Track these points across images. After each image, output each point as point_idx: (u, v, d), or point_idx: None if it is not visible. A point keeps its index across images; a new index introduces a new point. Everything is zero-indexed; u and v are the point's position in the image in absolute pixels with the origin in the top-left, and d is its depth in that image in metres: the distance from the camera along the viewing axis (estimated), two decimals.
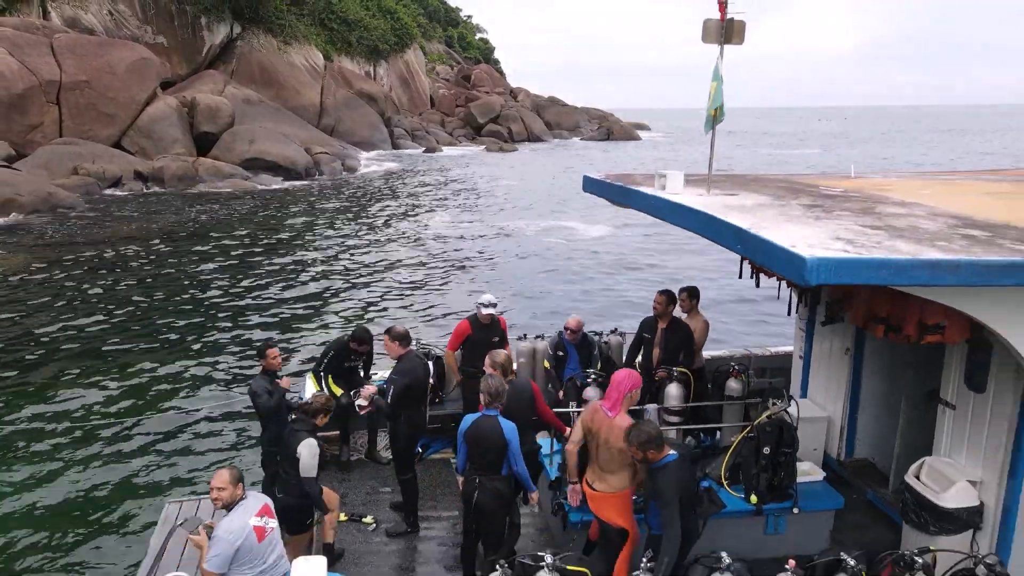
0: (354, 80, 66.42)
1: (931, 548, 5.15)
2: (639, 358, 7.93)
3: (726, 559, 4.69)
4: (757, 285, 7.44)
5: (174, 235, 26.50)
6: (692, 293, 8.03)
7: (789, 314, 7.82)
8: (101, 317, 16.86)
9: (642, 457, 5.03)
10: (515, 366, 6.95)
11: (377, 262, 23.26)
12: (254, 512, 4.83)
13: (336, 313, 17.74)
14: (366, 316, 17.44)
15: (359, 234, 27.91)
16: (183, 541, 6.15)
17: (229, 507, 4.81)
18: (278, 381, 6.96)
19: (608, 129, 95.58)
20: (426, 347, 8.91)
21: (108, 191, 36.15)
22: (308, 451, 5.64)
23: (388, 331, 6.64)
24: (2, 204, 26.82)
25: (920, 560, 4.74)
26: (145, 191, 37.74)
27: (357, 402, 6.81)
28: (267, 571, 4.78)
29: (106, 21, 49.82)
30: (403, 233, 28.48)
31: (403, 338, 6.59)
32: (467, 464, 5.76)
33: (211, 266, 22.01)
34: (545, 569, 4.51)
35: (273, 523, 4.96)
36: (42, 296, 18.44)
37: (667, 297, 7.64)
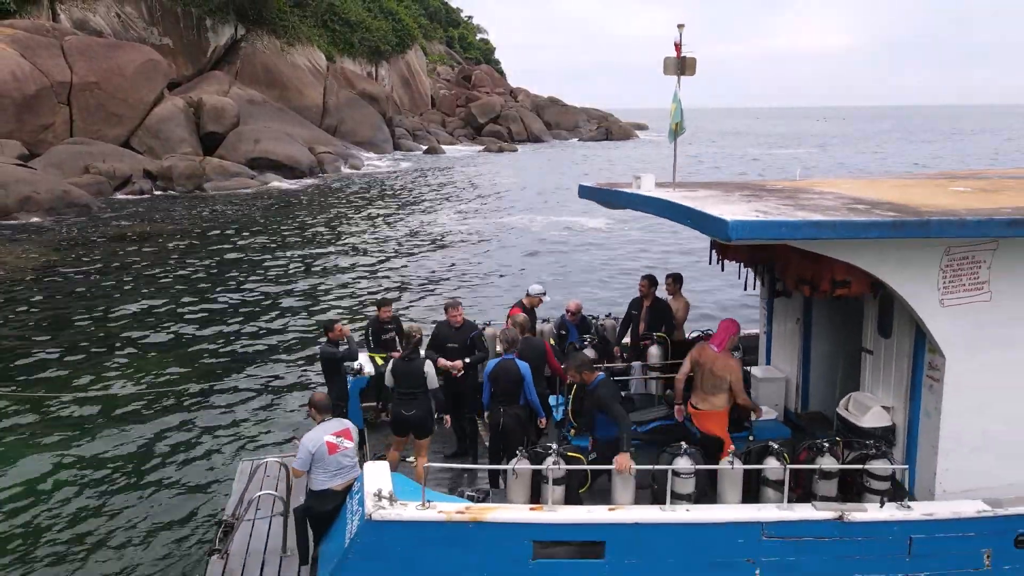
0: (356, 81, 67.45)
1: (837, 439, 6.59)
2: (629, 330, 9.60)
3: (684, 446, 6.23)
4: (722, 269, 8.81)
5: (198, 230, 27.85)
6: (676, 279, 9.74)
7: (745, 289, 9.15)
8: (149, 304, 18.08)
9: (579, 379, 6.70)
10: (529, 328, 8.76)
11: (387, 256, 24.52)
12: (331, 431, 6.43)
13: (353, 296, 19.05)
14: (370, 309, 18.58)
15: (368, 229, 29.12)
16: (261, 481, 7.81)
17: (315, 425, 6.57)
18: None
19: (607, 129, 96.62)
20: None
21: (120, 193, 37.29)
22: (430, 368, 7.54)
23: (451, 303, 8.70)
24: (20, 201, 27.98)
25: (827, 446, 6.32)
26: (155, 190, 38.91)
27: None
28: (339, 473, 6.38)
29: (114, 23, 50.93)
30: (411, 229, 29.67)
31: (455, 306, 8.67)
32: (491, 400, 7.44)
33: (236, 258, 23.30)
34: (552, 454, 6.04)
35: (348, 444, 6.48)
36: (78, 286, 19.69)
37: (649, 281, 9.36)
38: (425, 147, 68.00)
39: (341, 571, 5.63)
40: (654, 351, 8.94)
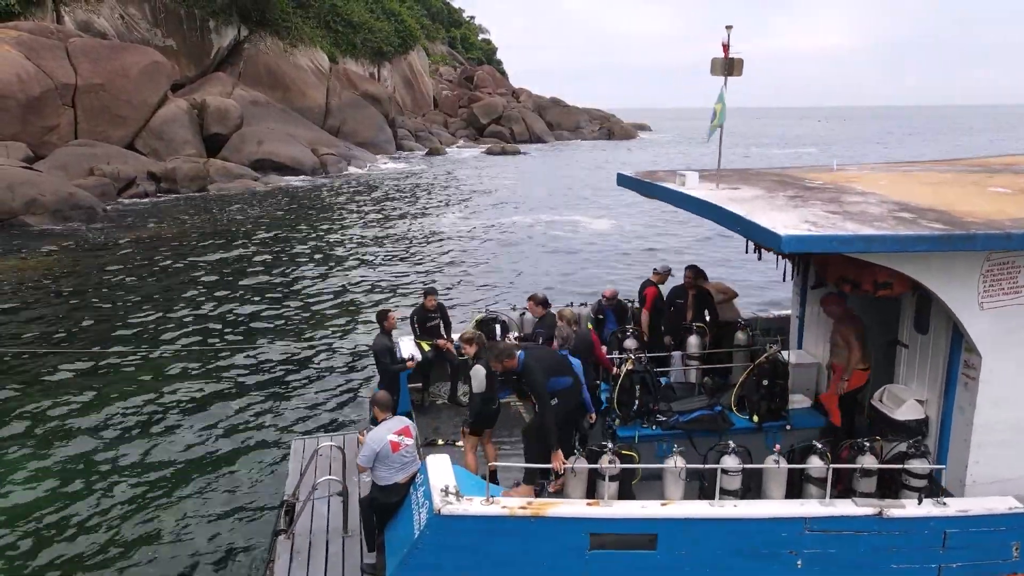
0: (358, 82, 67.47)
1: (877, 438, 6.71)
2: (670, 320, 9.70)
3: (732, 444, 6.38)
4: (759, 258, 8.94)
5: (210, 230, 27.88)
6: (697, 271, 9.83)
7: (784, 280, 9.34)
8: (168, 308, 18.08)
9: (502, 368, 6.80)
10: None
11: (397, 254, 24.55)
12: (394, 430, 6.63)
13: (365, 293, 19.20)
14: (391, 300, 18.75)
15: (377, 229, 29.12)
16: (316, 462, 8.11)
17: (376, 423, 6.80)
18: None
19: (609, 129, 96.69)
20: (495, 312, 10.59)
21: (124, 196, 37.33)
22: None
23: (532, 296, 9.08)
24: (26, 203, 27.95)
25: (868, 445, 6.46)
26: (159, 192, 38.95)
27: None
28: (402, 469, 6.60)
29: (117, 25, 50.96)
30: (419, 228, 29.81)
31: (544, 302, 8.92)
32: None
33: (249, 257, 23.29)
34: (608, 452, 6.27)
35: (408, 441, 6.67)
36: (97, 286, 19.70)
37: (694, 271, 9.66)
38: (427, 148, 68.03)
39: (411, 560, 5.90)
40: (693, 340, 9.02)
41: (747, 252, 8.80)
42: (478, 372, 7.26)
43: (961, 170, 9.32)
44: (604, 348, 8.92)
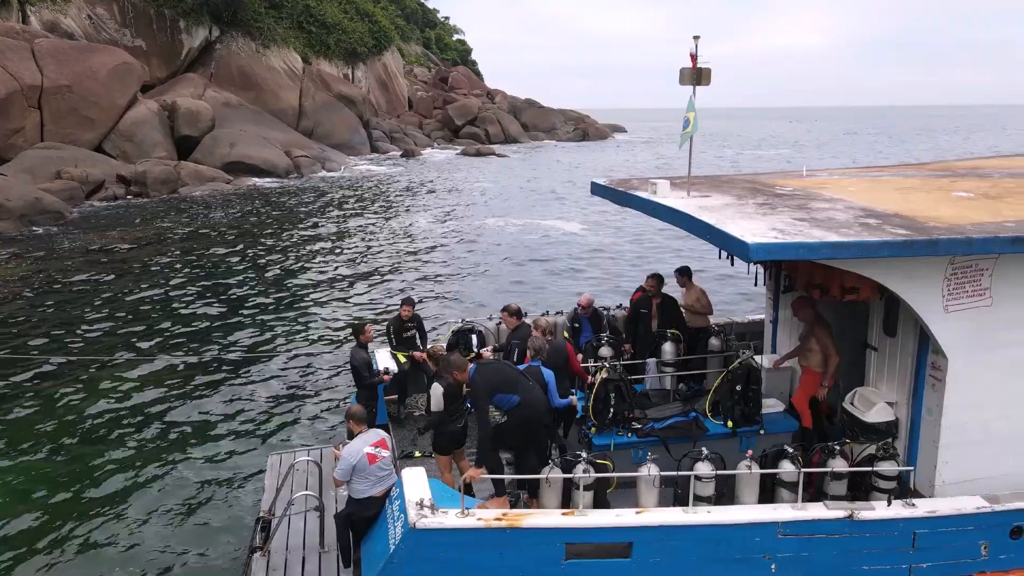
0: (332, 83, 67.00)
1: (847, 441, 6.86)
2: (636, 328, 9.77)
3: (705, 451, 6.47)
4: (732, 264, 8.96)
5: (178, 234, 27.42)
6: (684, 271, 9.96)
7: (756, 284, 9.45)
8: (120, 314, 17.75)
9: (455, 380, 6.98)
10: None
11: (371, 261, 24.32)
12: (370, 443, 6.63)
13: (340, 302, 19.02)
14: (366, 307, 18.58)
15: (351, 235, 28.89)
16: (292, 477, 7.99)
17: (351, 436, 6.80)
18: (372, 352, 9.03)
19: (584, 131, 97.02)
20: (471, 323, 10.44)
21: (94, 199, 36.69)
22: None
23: (505, 308, 8.97)
24: None
25: (839, 448, 6.63)
26: (128, 195, 38.34)
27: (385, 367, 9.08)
28: (379, 482, 6.61)
29: (85, 25, 50.12)
30: (394, 234, 29.56)
31: (517, 313, 8.86)
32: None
33: (223, 260, 23.01)
34: (582, 462, 6.32)
35: (385, 453, 6.69)
36: (62, 295, 19.30)
37: (657, 280, 9.61)
38: (402, 150, 67.77)
39: (387, 573, 5.86)
40: (667, 347, 9.09)
41: (720, 258, 8.89)
42: (436, 391, 7.25)
43: (927, 175, 9.50)
44: (580, 356, 8.95)
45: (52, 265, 22.94)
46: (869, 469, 6.49)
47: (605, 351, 8.81)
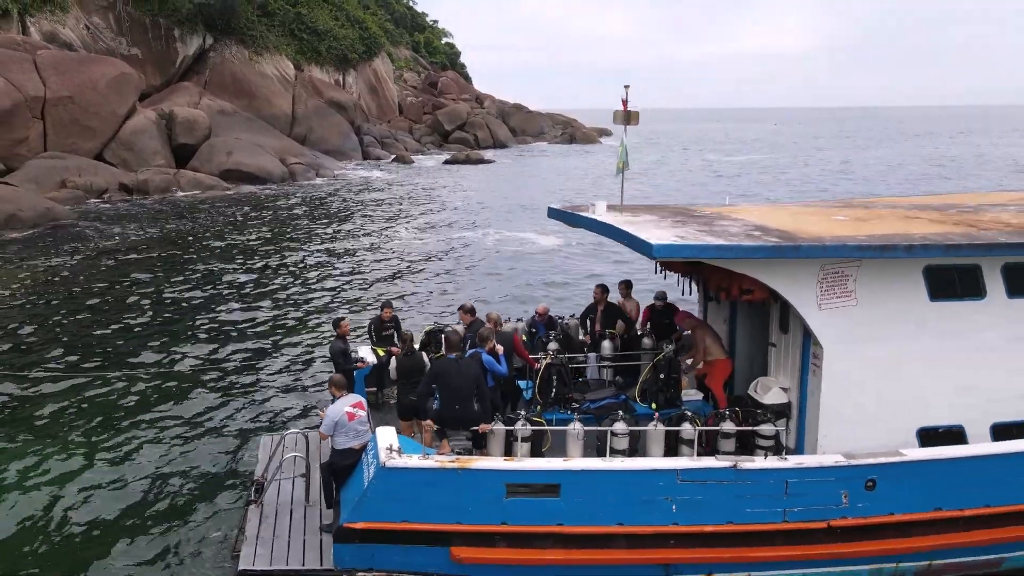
0: (324, 89, 68.43)
1: (736, 410, 8.49)
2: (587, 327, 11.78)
3: (621, 412, 8.18)
4: (664, 278, 10.95)
5: (188, 237, 29.18)
6: (627, 284, 12.23)
7: (683, 294, 11.13)
8: (139, 314, 19.42)
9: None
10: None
11: (355, 266, 26.05)
12: (349, 404, 8.28)
13: (325, 304, 20.66)
14: (350, 307, 20.21)
15: (340, 240, 30.58)
16: (282, 449, 9.66)
17: (334, 399, 8.43)
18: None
19: (571, 135, 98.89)
20: (440, 326, 12.00)
21: (94, 201, 38.25)
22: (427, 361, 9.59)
23: (461, 307, 10.46)
24: (6, 219, 28.94)
25: (728, 413, 8.38)
26: (129, 201, 39.90)
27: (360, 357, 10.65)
28: (356, 436, 8.22)
29: (83, 35, 51.49)
30: (380, 240, 31.22)
31: (471, 311, 10.34)
32: None
33: (209, 266, 24.68)
34: (521, 420, 8.06)
35: (362, 412, 8.29)
36: (84, 295, 20.97)
37: (602, 289, 11.64)
38: (393, 155, 69.17)
39: (361, 506, 7.53)
40: (606, 345, 10.97)
41: (656, 273, 10.66)
42: (392, 364, 9.43)
43: (826, 206, 11.34)
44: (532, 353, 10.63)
45: (64, 268, 24.48)
46: (751, 429, 8.20)
47: (553, 345, 10.50)
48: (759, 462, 7.86)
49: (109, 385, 14.66)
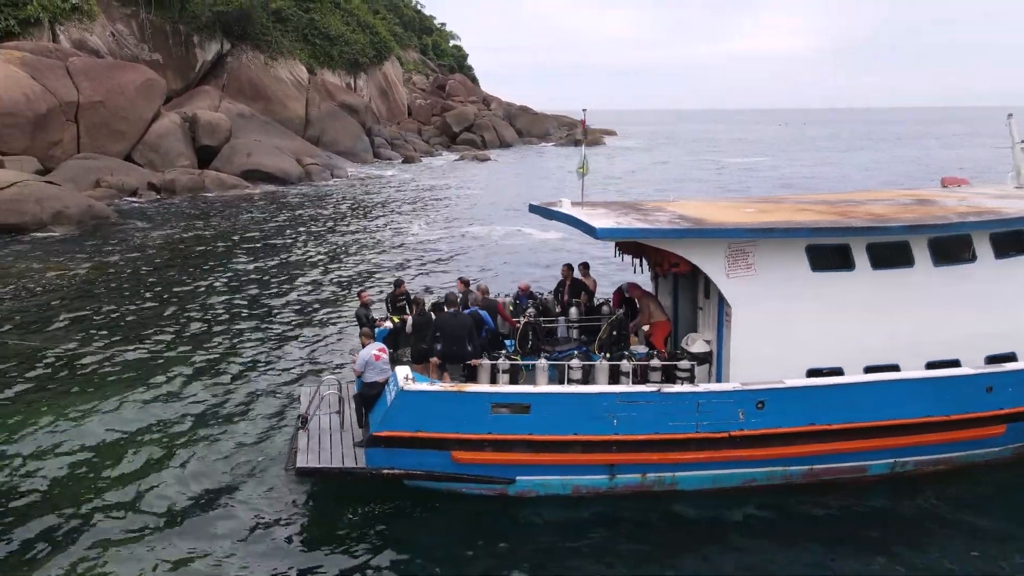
0: (336, 92, 71.26)
1: (663, 351, 11.23)
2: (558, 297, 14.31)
3: (576, 352, 11.10)
4: (621, 260, 13.53)
5: (217, 235, 32.18)
6: (586, 265, 14.81)
7: (635, 272, 13.67)
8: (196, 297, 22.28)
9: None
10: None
11: (372, 253, 28.99)
12: (375, 349, 11.20)
13: (348, 280, 23.57)
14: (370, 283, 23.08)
15: (358, 232, 33.50)
16: (320, 394, 12.04)
17: (364, 346, 11.34)
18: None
19: (576, 136, 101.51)
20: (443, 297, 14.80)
21: (128, 199, 41.26)
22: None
23: (459, 278, 13.82)
24: (53, 215, 31.88)
25: (656, 353, 11.21)
26: (160, 199, 42.89)
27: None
28: (381, 372, 10.91)
29: (109, 42, 54.51)
30: (394, 229, 34.21)
31: (467, 283, 13.65)
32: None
33: (247, 258, 27.57)
34: (503, 357, 10.86)
35: (384, 355, 11.07)
36: (135, 280, 23.87)
37: (568, 267, 14.36)
38: (403, 156, 71.89)
39: (386, 420, 10.23)
40: (573, 311, 13.66)
41: (614, 256, 13.39)
42: (408, 322, 12.39)
43: (749, 201, 14.08)
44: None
45: (105, 262, 27.36)
46: (673, 363, 10.91)
47: (531, 311, 12.97)
48: (677, 388, 10.54)
49: (183, 353, 17.47)
